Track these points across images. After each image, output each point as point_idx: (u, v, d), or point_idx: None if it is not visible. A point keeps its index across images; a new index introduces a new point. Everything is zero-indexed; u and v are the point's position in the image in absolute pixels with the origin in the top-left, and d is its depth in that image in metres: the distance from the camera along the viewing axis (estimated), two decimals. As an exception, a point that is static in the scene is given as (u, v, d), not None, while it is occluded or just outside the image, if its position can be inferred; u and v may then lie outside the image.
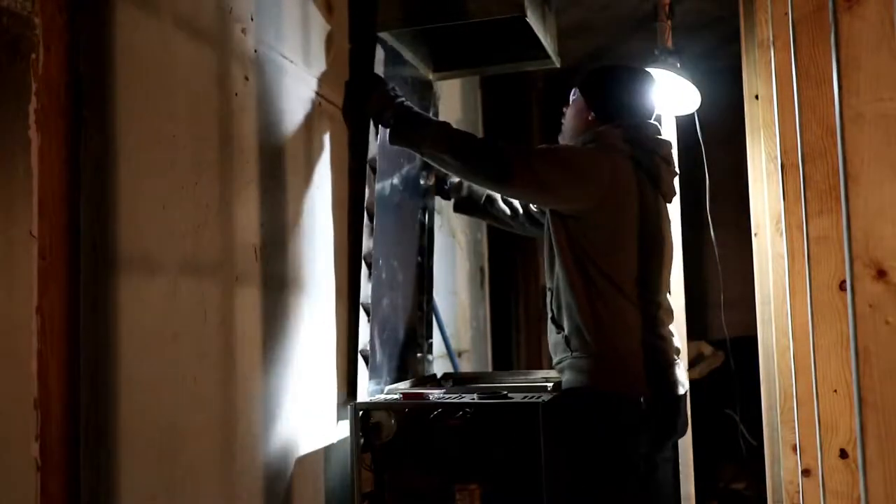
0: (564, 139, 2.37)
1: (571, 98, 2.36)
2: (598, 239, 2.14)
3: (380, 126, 2.38)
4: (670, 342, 2.19)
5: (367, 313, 2.35)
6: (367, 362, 2.34)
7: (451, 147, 2.17)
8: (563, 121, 2.39)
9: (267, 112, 1.98)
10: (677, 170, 2.34)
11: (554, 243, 2.19)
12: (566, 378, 2.18)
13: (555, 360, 2.26)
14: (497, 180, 2.17)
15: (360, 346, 2.32)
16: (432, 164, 2.29)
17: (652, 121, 2.30)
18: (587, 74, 2.38)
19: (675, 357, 2.20)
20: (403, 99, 2.29)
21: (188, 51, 1.68)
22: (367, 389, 2.33)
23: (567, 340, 2.18)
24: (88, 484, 1.36)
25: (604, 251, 2.13)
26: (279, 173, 2.03)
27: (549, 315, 2.27)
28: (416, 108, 2.29)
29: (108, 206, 1.43)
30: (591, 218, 2.14)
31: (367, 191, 2.38)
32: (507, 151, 2.14)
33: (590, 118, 2.29)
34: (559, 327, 2.21)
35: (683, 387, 2.20)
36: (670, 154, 2.29)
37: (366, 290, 2.35)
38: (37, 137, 1.28)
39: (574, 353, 2.16)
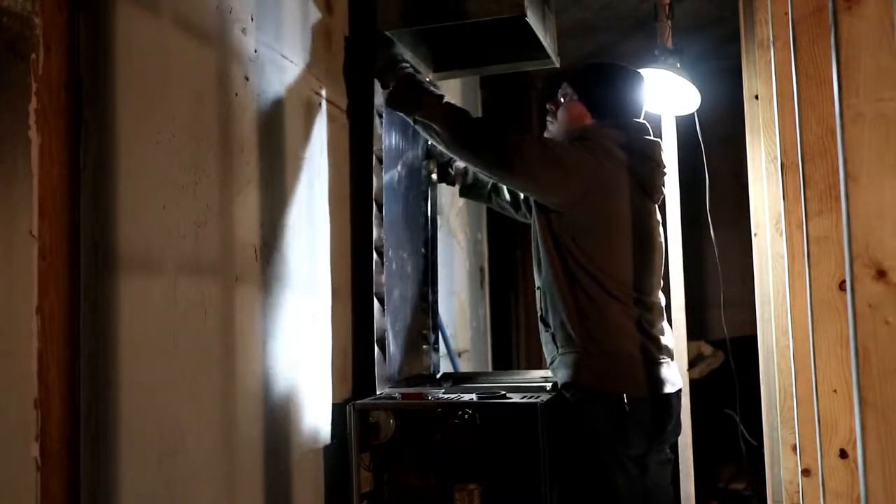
0: (554, 136, 2.36)
1: (562, 95, 2.35)
2: (583, 237, 2.14)
3: (383, 117, 2.41)
4: (658, 341, 2.19)
5: (381, 303, 2.36)
6: (383, 353, 2.35)
7: (445, 120, 2.18)
8: (549, 118, 2.39)
9: (267, 112, 1.98)
10: (667, 169, 2.34)
11: (540, 241, 2.20)
12: (558, 376, 2.20)
13: (547, 360, 2.27)
14: (495, 166, 2.18)
15: (376, 336, 2.33)
16: (424, 134, 2.30)
17: (642, 120, 2.31)
18: (580, 71, 2.37)
19: (664, 356, 2.20)
20: (408, 65, 2.32)
21: (188, 51, 1.68)
22: (385, 377, 2.34)
23: (553, 338, 2.19)
24: (88, 484, 1.36)
25: (589, 250, 2.13)
26: (279, 173, 2.03)
27: (539, 314, 2.29)
28: (420, 78, 2.31)
29: (108, 206, 1.43)
30: (573, 215, 2.15)
31: (374, 181, 2.38)
32: (508, 141, 2.15)
33: (584, 117, 2.29)
34: (547, 325, 2.22)
35: (673, 386, 2.19)
36: (661, 155, 2.30)
37: (379, 280, 2.36)
38: (37, 137, 1.28)
39: (560, 350, 2.18)
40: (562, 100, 2.34)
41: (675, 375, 2.22)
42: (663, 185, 2.31)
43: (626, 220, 2.17)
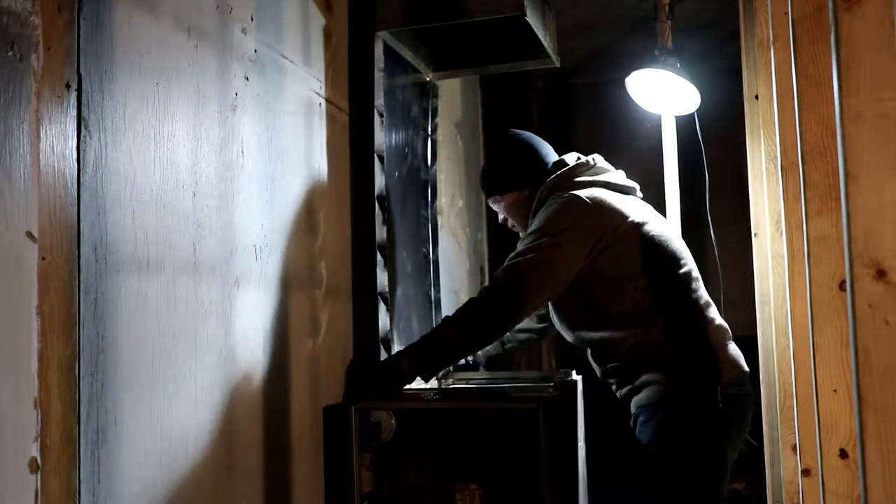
0: (523, 227, 2.34)
1: (499, 205, 2.38)
2: (619, 268, 2.12)
3: (383, 116, 2.42)
4: (713, 326, 2.17)
5: (385, 303, 2.36)
6: (388, 352, 2.35)
7: (461, 342, 2.12)
8: (509, 225, 2.40)
9: (267, 112, 1.98)
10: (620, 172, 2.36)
11: (585, 296, 2.14)
12: (649, 395, 2.14)
13: (622, 392, 2.21)
14: (512, 314, 2.09)
15: (380, 336, 2.34)
16: (468, 358, 2.32)
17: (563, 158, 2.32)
18: (491, 176, 2.39)
19: (724, 339, 2.17)
20: (394, 366, 2.18)
21: (188, 51, 1.68)
22: None
23: (628, 369, 2.16)
24: (88, 484, 1.36)
25: (613, 277, 2.11)
26: (279, 173, 2.03)
27: (598, 366, 2.24)
28: (407, 348, 2.18)
29: (108, 206, 1.43)
30: (597, 262, 2.11)
31: (376, 181, 2.38)
32: (503, 289, 2.07)
33: (525, 196, 2.29)
34: (615, 362, 2.18)
35: (737, 369, 2.16)
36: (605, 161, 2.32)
37: (382, 279, 2.36)
38: (37, 137, 1.28)
39: (642, 375, 2.13)
40: (499, 211, 2.39)
41: (737, 356, 2.21)
42: (635, 183, 2.33)
43: (636, 228, 2.15)
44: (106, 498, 1.40)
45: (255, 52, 1.93)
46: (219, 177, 1.76)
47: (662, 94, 2.86)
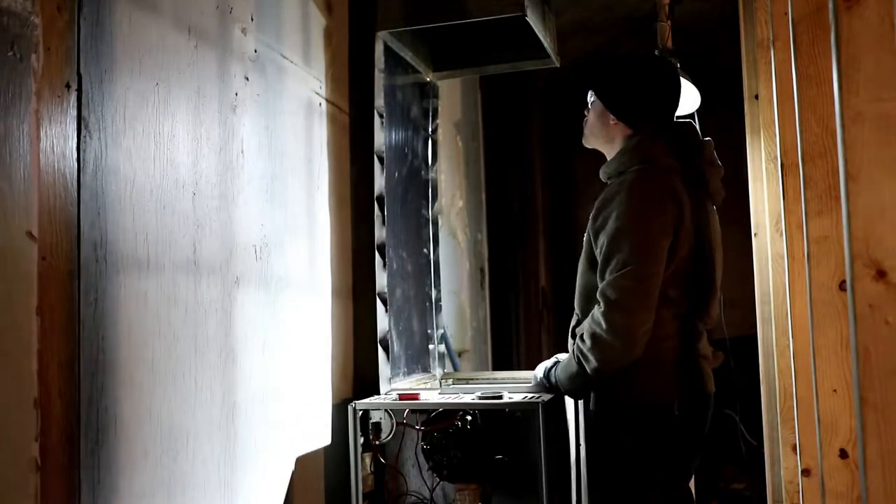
0: (590, 142, 2.23)
1: (590, 100, 2.21)
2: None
3: (384, 117, 2.41)
4: (703, 341, 2.11)
5: (385, 303, 2.37)
6: (386, 353, 2.35)
7: (600, 371, 2.01)
8: (584, 124, 2.24)
9: (267, 112, 1.98)
10: (721, 167, 2.21)
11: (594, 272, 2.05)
12: (597, 391, 2.09)
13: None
14: (624, 349, 1.96)
15: (380, 336, 2.34)
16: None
17: (685, 118, 2.16)
18: (599, 72, 2.19)
19: (707, 354, 2.12)
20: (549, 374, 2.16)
21: (188, 51, 1.68)
22: (388, 378, 2.35)
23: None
24: (88, 484, 1.36)
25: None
26: (279, 173, 2.03)
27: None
28: (556, 372, 2.13)
29: (108, 206, 1.43)
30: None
31: (376, 181, 2.38)
32: (608, 325, 1.94)
33: (612, 122, 2.13)
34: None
35: (708, 385, 2.12)
36: (714, 154, 2.18)
37: (381, 280, 2.37)
38: (37, 137, 1.28)
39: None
40: (591, 105, 2.20)
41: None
42: (721, 186, 2.20)
43: (693, 233, 2.05)
44: (106, 497, 1.40)
45: (255, 52, 1.93)
46: (219, 177, 1.76)
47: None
